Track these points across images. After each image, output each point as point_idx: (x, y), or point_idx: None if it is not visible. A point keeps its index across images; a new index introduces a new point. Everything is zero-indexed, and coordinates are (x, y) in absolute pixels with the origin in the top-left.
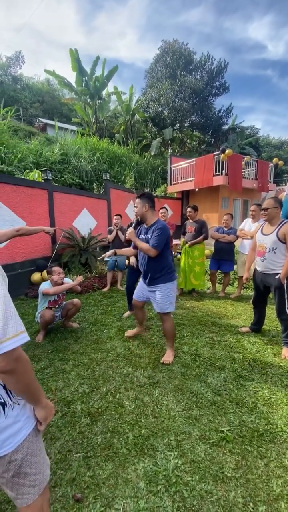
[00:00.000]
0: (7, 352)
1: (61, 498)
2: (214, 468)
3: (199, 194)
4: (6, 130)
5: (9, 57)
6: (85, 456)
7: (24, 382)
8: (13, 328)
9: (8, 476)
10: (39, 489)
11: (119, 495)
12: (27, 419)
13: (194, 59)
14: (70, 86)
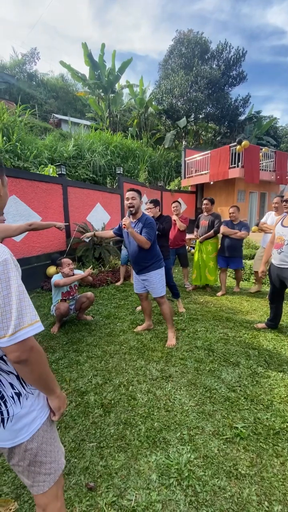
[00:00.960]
0: (22, 342)
1: (75, 486)
2: (228, 465)
3: (214, 187)
4: (23, 127)
5: (25, 54)
6: (98, 446)
7: (38, 372)
8: (27, 317)
9: (25, 465)
10: (54, 477)
11: (131, 486)
12: (42, 409)
13: (210, 48)
14: (84, 80)
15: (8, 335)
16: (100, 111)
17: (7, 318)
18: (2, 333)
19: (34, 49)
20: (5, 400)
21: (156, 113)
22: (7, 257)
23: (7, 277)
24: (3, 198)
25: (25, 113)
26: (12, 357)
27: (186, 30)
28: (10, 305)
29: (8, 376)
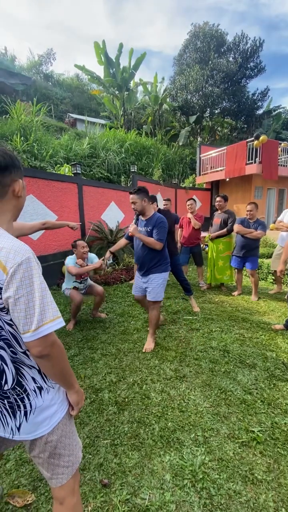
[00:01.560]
0: (44, 337)
1: (89, 482)
2: (244, 469)
3: (230, 184)
4: (39, 127)
5: (41, 55)
6: (112, 443)
7: (59, 367)
8: (49, 313)
9: (45, 457)
10: (72, 470)
11: (145, 485)
12: (62, 402)
13: (226, 40)
14: (98, 80)
15: (32, 330)
16: (114, 110)
17: (30, 314)
18: (26, 328)
19: (50, 49)
20: (28, 393)
21: (170, 110)
22: (30, 255)
23: (30, 275)
24: (23, 199)
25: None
26: (35, 351)
27: (202, 23)
28: (33, 301)
29: (31, 371)
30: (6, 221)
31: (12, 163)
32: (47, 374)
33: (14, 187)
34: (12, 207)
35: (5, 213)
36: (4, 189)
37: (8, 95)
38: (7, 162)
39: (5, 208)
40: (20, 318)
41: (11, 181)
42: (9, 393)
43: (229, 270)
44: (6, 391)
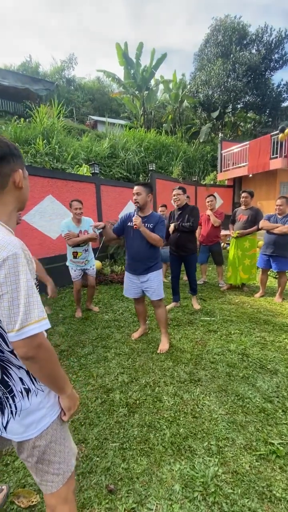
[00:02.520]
0: (29, 338)
1: (95, 486)
2: (261, 484)
3: (253, 180)
4: (61, 130)
5: (64, 60)
6: (121, 447)
7: (47, 370)
8: (35, 313)
9: (33, 462)
10: (63, 478)
11: (153, 494)
12: (52, 407)
13: (248, 32)
14: (119, 81)
15: (15, 330)
16: (134, 110)
17: (14, 313)
18: (10, 327)
19: (72, 54)
20: (14, 394)
21: (191, 107)
22: (17, 251)
23: (16, 271)
24: (25, 190)
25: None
26: (20, 352)
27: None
28: (18, 300)
29: (19, 371)
30: (7, 213)
31: (10, 152)
32: (35, 376)
33: (14, 177)
34: (14, 199)
35: (6, 205)
36: (4, 179)
37: (33, 100)
38: (4, 151)
39: (5, 200)
40: (4, 316)
41: (10, 171)
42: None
43: (254, 269)
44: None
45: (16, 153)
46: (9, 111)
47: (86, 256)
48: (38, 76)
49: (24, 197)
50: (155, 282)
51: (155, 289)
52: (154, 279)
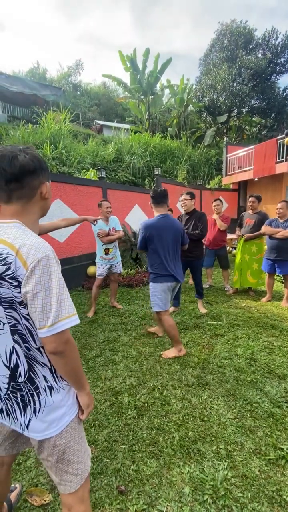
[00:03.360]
0: (59, 333)
1: (106, 487)
2: (270, 489)
3: (259, 184)
4: (67, 135)
5: (70, 66)
6: (130, 449)
7: (72, 365)
8: (66, 310)
9: (53, 460)
10: (81, 479)
11: (163, 496)
12: (71, 406)
13: (254, 36)
14: (125, 86)
15: (48, 325)
16: (140, 114)
17: (47, 310)
18: (42, 323)
19: (78, 60)
20: (39, 391)
21: (196, 111)
22: (49, 253)
23: (49, 271)
24: (49, 201)
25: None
26: (50, 347)
27: (229, 21)
28: (50, 298)
29: (43, 369)
30: (32, 221)
31: (40, 166)
32: (59, 372)
33: (41, 189)
34: (39, 209)
35: (32, 214)
36: (32, 191)
37: (40, 106)
38: (35, 166)
39: (32, 210)
40: (37, 313)
41: (39, 184)
42: (22, 386)
43: (264, 273)
44: (20, 383)
45: (44, 167)
46: (17, 116)
47: (115, 252)
48: (45, 82)
49: (48, 206)
50: (150, 293)
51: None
52: (150, 289)
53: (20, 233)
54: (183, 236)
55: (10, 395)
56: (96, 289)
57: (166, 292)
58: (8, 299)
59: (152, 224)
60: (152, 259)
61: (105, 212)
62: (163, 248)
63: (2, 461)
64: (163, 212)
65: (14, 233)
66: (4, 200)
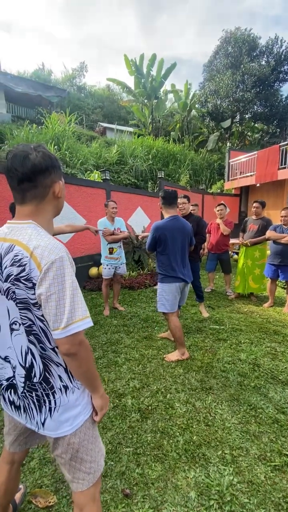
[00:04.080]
0: (73, 335)
1: (111, 490)
2: (276, 495)
3: (261, 189)
4: (71, 136)
5: (75, 68)
6: (135, 452)
7: (86, 367)
8: (79, 312)
9: (67, 458)
10: (93, 478)
11: (168, 500)
12: (86, 405)
13: (259, 44)
14: (129, 90)
15: (61, 327)
16: (143, 118)
17: (60, 312)
18: (56, 325)
19: (82, 63)
20: (54, 391)
21: (199, 116)
22: (63, 255)
23: (62, 273)
24: (62, 200)
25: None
26: (63, 349)
27: (233, 28)
28: (64, 299)
29: (58, 368)
30: (47, 220)
31: (52, 164)
32: (73, 373)
33: (54, 188)
34: (52, 208)
35: (46, 213)
36: (45, 190)
37: (44, 107)
38: (47, 164)
39: (46, 209)
40: (51, 315)
41: (51, 182)
42: (38, 386)
43: (265, 279)
44: (35, 383)
45: (57, 165)
46: (21, 116)
47: (120, 252)
48: (50, 83)
49: (61, 205)
50: (158, 293)
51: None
52: (158, 289)
53: (34, 234)
54: (191, 238)
55: (26, 394)
56: (106, 288)
57: (174, 293)
58: (23, 300)
59: (162, 225)
60: (161, 260)
61: (111, 212)
62: (172, 249)
63: (13, 458)
64: (173, 213)
65: (29, 234)
66: (19, 201)
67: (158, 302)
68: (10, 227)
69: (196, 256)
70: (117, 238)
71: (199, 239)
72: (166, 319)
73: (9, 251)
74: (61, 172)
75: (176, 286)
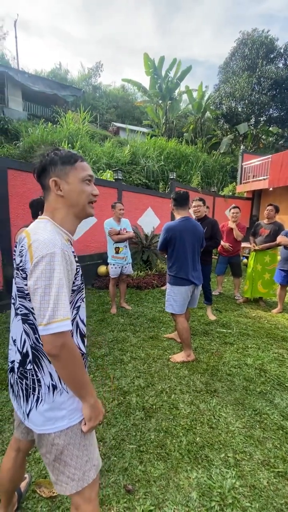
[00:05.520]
0: (55, 335)
1: (113, 485)
2: (279, 501)
3: (274, 194)
4: (85, 134)
5: (90, 68)
6: (138, 449)
7: (69, 371)
8: (61, 312)
9: (51, 459)
10: (77, 486)
11: (170, 498)
12: (73, 411)
13: (276, 46)
14: (144, 90)
15: (43, 324)
16: (157, 119)
17: (44, 307)
18: (40, 320)
19: (98, 62)
20: (41, 385)
21: (213, 118)
22: (56, 251)
23: (52, 269)
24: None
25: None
26: (45, 348)
27: (250, 30)
28: (49, 296)
29: (50, 365)
30: (60, 217)
31: (51, 162)
32: (58, 375)
33: (51, 185)
34: (61, 205)
35: (58, 210)
36: (47, 188)
37: (60, 105)
38: (46, 163)
39: (54, 206)
40: (36, 308)
41: (49, 180)
42: (28, 373)
43: (276, 284)
44: (27, 371)
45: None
46: (37, 114)
47: (126, 252)
48: (66, 82)
49: (71, 203)
50: (167, 293)
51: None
52: (167, 290)
53: (41, 228)
54: (202, 240)
55: (18, 380)
56: (113, 287)
57: (183, 295)
58: (20, 289)
59: (174, 226)
60: (171, 261)
61: (118, 214)
62: (183, 250)
63: (19, 446)
64: (185, 214)
65: (37, 228)
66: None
67: (166, 302)
68: (35, 222)
69: (209, 259)
70: (123, 237)
71: (213, 242)
72: (174, 320)
73: (22, 242)
74: (62, 169)
75: (185, 288)
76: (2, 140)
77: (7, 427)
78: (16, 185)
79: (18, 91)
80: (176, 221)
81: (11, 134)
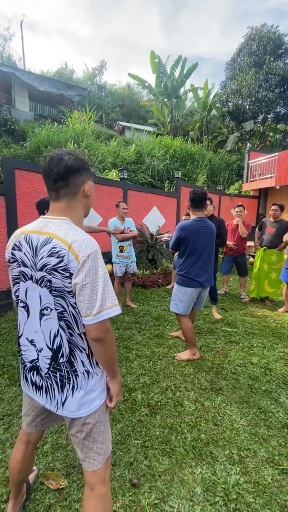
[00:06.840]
0: (102, 322)
1: (119, 478)
2: (283, 498)
3: (281, 192)
4: (90, 134)
5: (95, 67)
6: (143, 445)
7: (110, 353)
8: (109, 300)
9: (81, 437)
10: (103, 458)
11: (174, 493)
12: (102, 391)
13: (284, 42)
14: (150, 88)
15: (93, 314)
16: (162, 117)
17: (93, 300)
18: (88, 312)
19: (102, 61)
20: (77, 374)
21: (219, 116)
22: (97, 249)
23: (96, 265)
24: (91, 198)
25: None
26: (92, 334)
27: (259, 25)
28: (96, 289)
29: (81, 354)
30: (77, 218)
31: (83, 166)
32: (98, 359)
33: (84, 187)
34: (82, 206)
35: (77, 211)
36: (76, 188)
37: (66, 105)
38: (78, 165)
39: (76, 206)
40: (84, 302)
41: (82, 182)
42: (63, 366)
43: (283, 283)
44: (61, 364)
45: (87, 167)
46: (43, 114)
47: (130, 251)
48: (72, 82)
49: (89, 205)
50: (173, 292)
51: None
52: (174, 289)
53: (71, 230)
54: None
55: (50, 374)
56: (118, 286)
57: (189, 297)
58: (59, 288)
59: (188, 226)
60: (182, 261)
61: (122, 213)
62: (195, 251)
63: (29, 439)
64: (200, 215)
65: (65, 229)
66: (53, 198)
67: (171, 301)
68: (44, 222)
69: (215, 258)
70: (127, 236)
71: (220, 241)
72: (178, 319)
73: (46, 243)
74: (91, 173)
75: (192, 290)
76: (9, 140)
77: (15, 421)
78: (23, 185)
79: (25, 91)
80: (191, 221)
81: (18, 134)
